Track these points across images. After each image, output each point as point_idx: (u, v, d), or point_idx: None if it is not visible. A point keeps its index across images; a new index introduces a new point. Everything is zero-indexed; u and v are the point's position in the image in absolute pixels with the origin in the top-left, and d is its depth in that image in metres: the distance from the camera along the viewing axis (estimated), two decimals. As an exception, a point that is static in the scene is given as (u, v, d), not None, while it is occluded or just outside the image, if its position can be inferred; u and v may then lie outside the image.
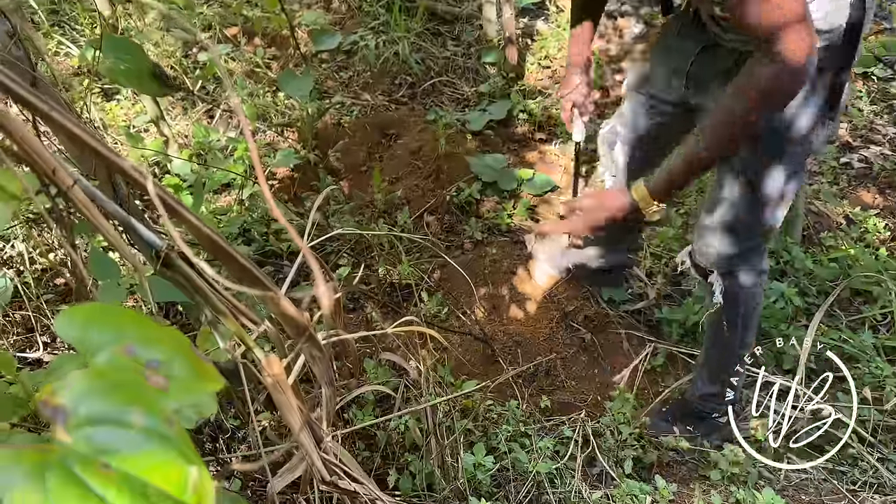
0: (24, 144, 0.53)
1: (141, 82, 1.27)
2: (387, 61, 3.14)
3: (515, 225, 2.43)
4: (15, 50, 1.22)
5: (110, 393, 0.42)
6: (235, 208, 2.24)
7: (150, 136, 2.53)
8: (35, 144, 0.54)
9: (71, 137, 0.52)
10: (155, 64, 1.33)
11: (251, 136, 0.46)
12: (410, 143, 2.75)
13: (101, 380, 0.43)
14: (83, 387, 0.42)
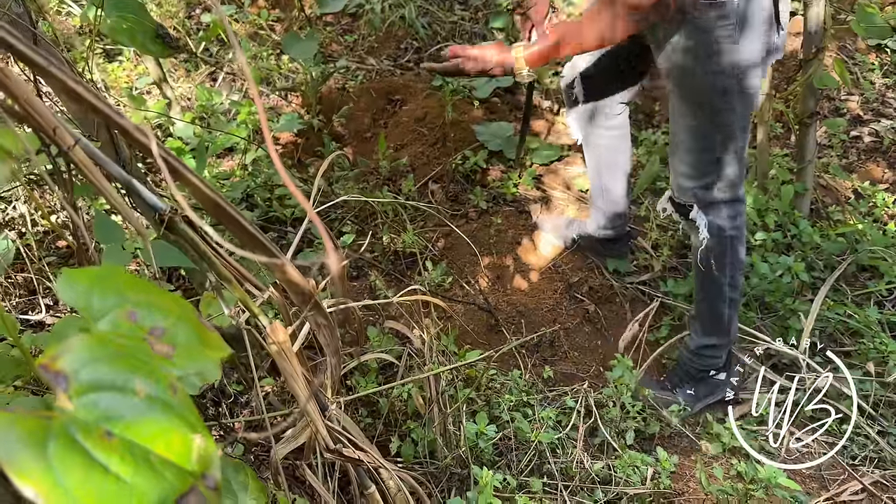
0: (25, 104, 0.51)
1: (144, 43, 1.25)
2: (392, 25, 3.09)
3: (521, 194, 2.41)
4: (16, 7, 1.19)
5: (113, 359, 0.41)
6: (238, 173, 2.22)
7: (152, 99, 2.49)
8: (36, 103, 0.52)
9: (72, 95, 0.50)
10: (158, 24, 1.30)
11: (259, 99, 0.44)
12: (416, 110, 2.71)
13: (103, 346, 0.42)
14: (85, 352, 0.41)
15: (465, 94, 2.79)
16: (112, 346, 0.43)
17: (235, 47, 0.51)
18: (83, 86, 0.50)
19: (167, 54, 1.34)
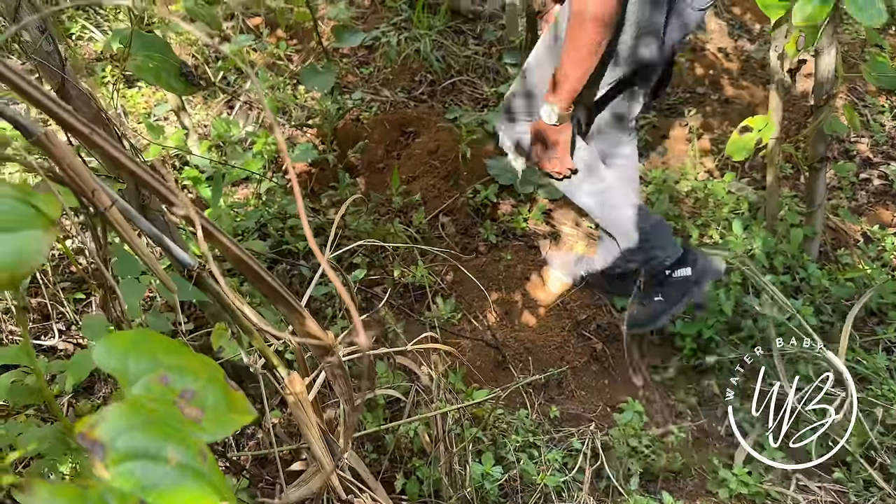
0: (67, 168, 0.53)
1: (168, 81, 1.28)
2: (408, 58, 3.13)
3: (531, 229, 2.43)
4: (46, 45, 1.22)
5: (147, 427, 0.43)
6: (252, 202, 2.24)
7: (169, 125, 2.53)
8: (78, 166, 0.54)
9: (115, 162, 0.52)
10: (182, 63, 1.33)
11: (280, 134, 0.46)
12: (428, 143, 2.74)
13: (137, 413, 0.43)
14: (121, 421, 0.42)
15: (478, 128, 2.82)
16: (145, 411, 0.44)
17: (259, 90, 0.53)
18: (125, 154, 0.52)
19: (190, 92, 1.37)
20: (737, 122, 3.05)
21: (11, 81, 0.49)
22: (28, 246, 0.45)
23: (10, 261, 0.44)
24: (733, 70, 3.32)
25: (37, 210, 0.47)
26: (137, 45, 1.29)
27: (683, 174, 2.68)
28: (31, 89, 0.50)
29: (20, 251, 0.45)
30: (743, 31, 3.61)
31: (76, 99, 1.30)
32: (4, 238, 0.45)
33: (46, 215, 0.48)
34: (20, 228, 0.46)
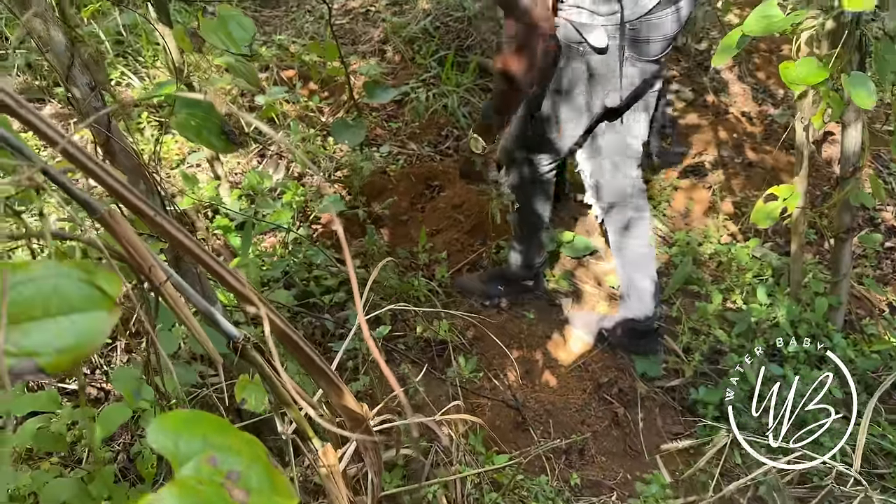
0: (127, 244, 0.55)
1: (210, 139, 1.32)
2: (435, 113, 3.20)
3: (553, 287, 2.43)
4: (94, 102, 1.27)
5: (198, 511, 0.44)
6: (279, 251, 2.27)
7: (202, 172, 2.59)
8: (137, 243, 0.56)
9: (174, 241, 0.54)
10: (224, 121, 1.37)
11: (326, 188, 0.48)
12: (453, 197, 2.78)
13: (190, 496, 0.44)
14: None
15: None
16: (196, 494, 0.45)
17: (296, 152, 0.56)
18: (187, 236, 0.54)
19: (230, 150, 1.41)
20: (760, 186, 3.08)
21: (83, 164, 0.51)
22: (92, 328, 0.47)
23: (74, 343, 0.46)
24: (756, 134, 3.35)
25: (100, 291, 0.49)
26: (181, 103, 1.34)
27: (706, 237, 2.68)
28: (101, 171, 0.52)
29: (83, 333, 0.47)
30: (767, 95, 3.65)
31: (119, 153, 1.34)
32: (70, 321, 0.47)
33: (110, 296, 0.49)
34: (85, 309, 0.48)
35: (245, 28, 1.21)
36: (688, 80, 3.64)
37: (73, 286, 0.48)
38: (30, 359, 0.45)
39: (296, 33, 3.51)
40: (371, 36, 3.62)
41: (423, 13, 3.59)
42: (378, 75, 3.00)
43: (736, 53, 1.78)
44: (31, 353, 0.45)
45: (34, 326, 0.47)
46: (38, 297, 0.47)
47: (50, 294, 0.48)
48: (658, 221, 2.76)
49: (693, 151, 3.18)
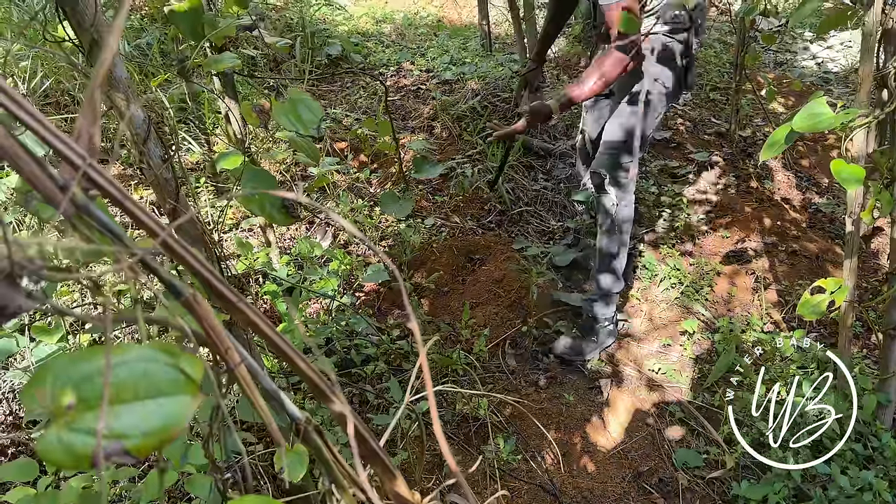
0: (208, 327, 0.58)
1: (271, 212, 1.38)
2: (479, 188, 3.27)
3: (593, 367, 2.41)
4: (165, 173, 1.35)
5: None
6: (323, 317, 2.31)
7: (254, 237, 2.67)
8: (217, 326, 0.59)
9: (255, 328, 0.57)
10: (284, 196, 1.44)
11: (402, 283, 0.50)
12: (494, 271, 2.81)
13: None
14: None
15: (544, 260, 2.88)
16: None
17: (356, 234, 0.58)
18: (285, 342, 0.57)
19: (290, 223, 1.47)
20: (804, 275, 3.04)
21: (178, 254, 0.55)
22: (177, 411, 0.50)
23: (160, 426, 0.49)
24: (801, 221, 3.33)
25: (185, 375, 0.52)
26: (246, 177, 1.41)
27: (749, 324, 2.65)
28: (192, 259, 0.56)
29: (169, 416, 0.49)
30: (811, 183, 3.64)
31: (185, 223, 1.41)
32: (157, 404, 0.50)
33: (193, 380, 0.52)
34: (171, 393, 0.51)
35: (313, 111, 1.27)
36: (732, 167, 3.66)
37: (160, 370, 0.52)
38: (118, 441, 0.48)
39: (349, 107, 3.66)
40: (421, 112, 3.74)
41: (472, 93, 3.71)
42: (426, 151, 3.09)
43: (783, 148, 1.80)
44: (121, 436, 0.48)
45: (124, 409, 0.50)
46: (129, 380, 0.50)
47: (140, 378, 0.51)
48: (700, 306, 2.73)
49: (736, 237, 3.17)
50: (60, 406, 0.47)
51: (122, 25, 0.50)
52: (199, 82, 3.14)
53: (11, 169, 0.43)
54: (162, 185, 1.36)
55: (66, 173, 0.51)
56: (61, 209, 0.50)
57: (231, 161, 1.74)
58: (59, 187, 0.51)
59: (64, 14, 1.20)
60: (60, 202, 0.51)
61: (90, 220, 0.54)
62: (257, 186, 1.39)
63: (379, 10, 5.11)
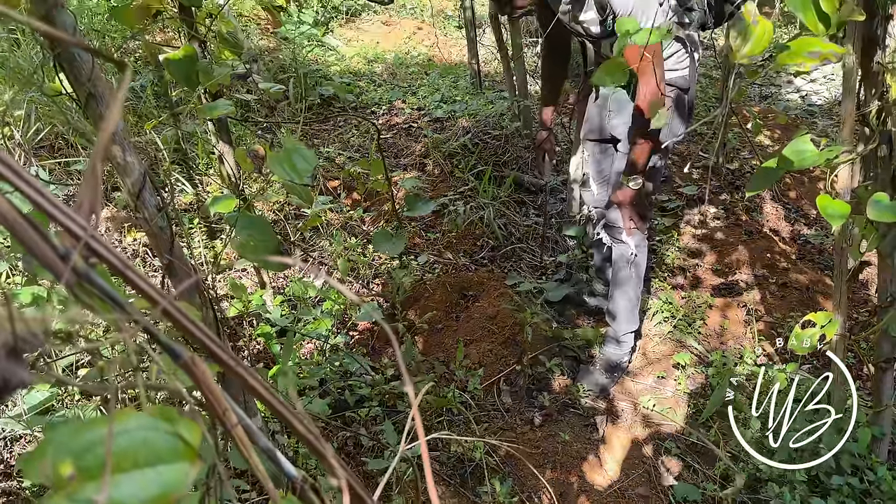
0: (208, 391, 0.59)
1: (266, 258, 1.39)
2: (472, 224, 3.29)
3: (588, 404, 2.41)
4: (160, 221, 1.36)
5: None
6: (317, 358, 2.31)
7: (247, 277, 2.68)
8: (215, 389, 0.60)
9: (253, 392, 0.58)
10: (279, 241, 1.45)
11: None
12: (487, 308, 2.81)
13: None
14: None
15: (536, 296, 2.90)
16: None
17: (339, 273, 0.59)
18: (290, 410, 0.58)
19: (283, 267, 1.48)
20: (795, 307, 3.06)
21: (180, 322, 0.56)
22: (176, 479, 0.50)
23: (159, 494, 0.49)
24: (790, 253, 3.36)
25: (183, 441, 0.53)
26: (242, 223, 1.42)
27: (742, 357, 2.66)
28: (195, 328, 0.57)
29: (168, 484, 0.50)
30: (799, 215, 3.69)
31: (179, 265, 1.41)
32: (156, 472, 0.50)
33: (192, 447, 0.53)
34: (170, 461, 0.51)
35: (308, 160, 1.29)
36: (720, 200, 3.71)
37: (160, 438, 0.52)
38: (119, 509, 0.49)
39: (342, 146, 3.70)
40: (413, 150, 3.79)
41: (463, 130, 3.76)
42: (418, 188, 3.12)
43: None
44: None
45: (125, 478, 0.50)
46: (129, 449, 0.51)
47: (140, 446, 0.51)
48: (693, 340, 2.75)
49: (727, 270, 3.20)
50: (61, 477, 0.48)
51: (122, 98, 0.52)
52: (192, 123, 3.17)
53: (13, 237, 0.44)
54: (157, 234, 1.37)
55: (68, 242, 0.52)
56: (63, 280, 0.51)
57: (225, 205, 1.76)
58: (61, 257, 0.52)
59: (61, 68, 1.22)
60: (62, 272, 0.52)
61: (91, 287, 0.55)
62: (252, 234, 1.40)
63: (370, 50, 5.19)
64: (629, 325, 2.54)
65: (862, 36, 1.78)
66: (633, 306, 2.51)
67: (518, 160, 3.72)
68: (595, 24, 2.12)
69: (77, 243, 0.53)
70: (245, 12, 4.64)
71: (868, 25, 1.77)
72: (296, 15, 4.92)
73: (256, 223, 1.44)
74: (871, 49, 1.83)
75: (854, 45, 1.78)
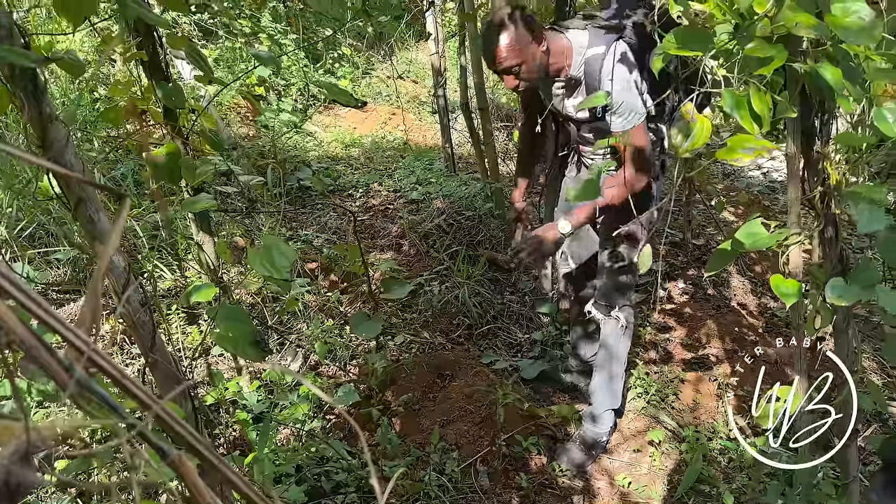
0: (193, 487, 0.64)
1: (244, 349, 1.44)
2: (447, 303, 3.36)
3: (567, 483, 2.43)
4: (143, 316, 1.41)
5: None
6: (293, 444, 2.31)
7: (224, 361, 2.70)
8: (201, 487, 0.65)
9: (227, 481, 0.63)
10: (257, 332, 1.50)
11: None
12: (464, 387, 2.85)
13: None
14: None
15: (512, 374, 2.94)
16: None
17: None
18: (250, 488, 0.63)
19: (262, 358, 1.52)
20: (765, 380, 3.13)
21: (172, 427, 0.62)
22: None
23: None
24: (758, 327, 3.46)
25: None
26: (221, 315, 1.47)
27: (715, 432, 2.70)
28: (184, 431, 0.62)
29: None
30: (765, 288, 3.81)
31: (161, 362, 1.45)
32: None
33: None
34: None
35: (286, 255, 1.36)
36: (688, 275, 3.83)
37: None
38: None
39: (320, 229, 3.79)
40: (389, 231, 3.89)
41: (438, 211, 3.88)
42: (396, 270, 3.20)
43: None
44: None
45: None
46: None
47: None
48: (666, 415, 2.79)
49: (698, 345, 3.28)
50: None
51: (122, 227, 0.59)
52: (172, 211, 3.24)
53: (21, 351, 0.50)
54: (138, 327, 1.42)
55: (71, 356, 0.59)
56: (68, 391, 0.57)
57: (205, 294, 1.81)
58: (65, 368, 0.58)
59: (53, 173, 1.29)
60: (66, 383, 0.58)
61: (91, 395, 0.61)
62: (231, 325, 1.45)
63: (348, 135, 5.37)
64: (607, 403, 2.58)
65: (801, 128, 1.93)
66: (612, 383, 2.56)
67: (491, 240, 3.83)
68: (584, 109, 2.24)
69: (79, 356, 0.60)
70: (225, 102, 4.80)
71: (806, 117, 1.91)
72: (275, 103, 5.10)
73: (235, 314, 1.50)
74: (811, 139, 1.97)
75: (794, 136, 1.92)
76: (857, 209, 1.60)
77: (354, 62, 6.64)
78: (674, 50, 1.32)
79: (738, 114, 1.38)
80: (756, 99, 1.35)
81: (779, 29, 1.26)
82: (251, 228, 3.51)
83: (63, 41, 4.09)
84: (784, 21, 1.23)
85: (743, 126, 1.38)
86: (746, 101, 1.40)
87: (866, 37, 1.22)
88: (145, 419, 0.60)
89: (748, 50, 1.28)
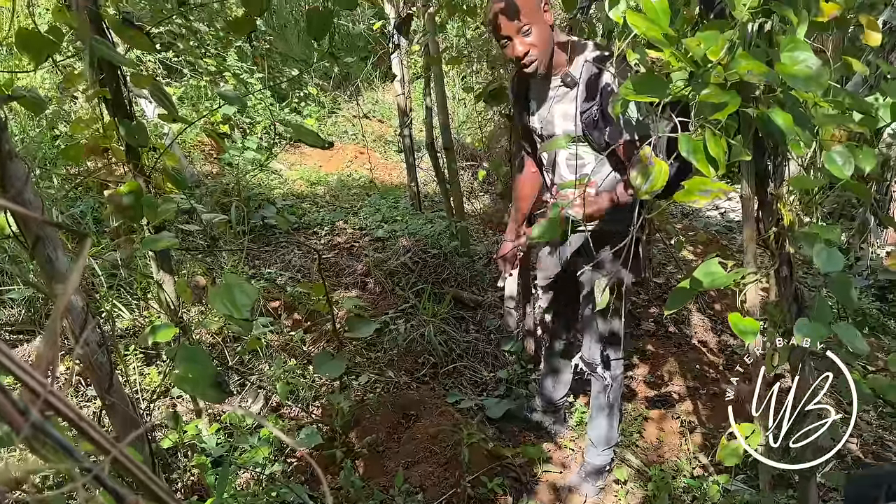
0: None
1: (204, 390, 1.41)
2: (413, 342, 3.34)
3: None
4: (100, 357, 1.38)
5: None
6: (253, 488, 2.26)
7: (183, 403, 2.63)
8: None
9: None
10: (217, 373, 1.47)
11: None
12: (429, 427, 2.82)
13: None
14: None
15: (477, 413, 2.92)
16: None
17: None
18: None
19: (222, 399, 1.49)
20: (727, 417, 3.17)
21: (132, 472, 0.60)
22: None
23: None
24: (718, 364, 3.51)
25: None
26: (181, 356, 1.44)
27: (679, 470, 2.72)
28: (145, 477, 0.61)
29: None
30: (725, 326, 3.88)
31: (118, 404, 1.42)
32: None
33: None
34: None
35: (248, 295, 1.35)
36: (648, 313, 3.88)
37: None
38: None
39: (284, 267, 3.75)
40: (355, 269, 3.87)
41: (403, 249, 3.89)
42: (359, 309, 3.18)
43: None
44: None
45: None
46: None
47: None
48: (631, 454, 2.80)
49: (660, 382, 3.31)
50: None
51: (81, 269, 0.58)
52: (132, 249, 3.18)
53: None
54: (95, 369, 1.38)
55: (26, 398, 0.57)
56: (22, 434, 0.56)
57: (164, 334, 1.78)
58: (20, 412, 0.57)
59: (10, 212, 1.27)
60: (21, 426, 0.56)
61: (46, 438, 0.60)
62: (191, 366, 1.42)
63: (313, 173, 5.37)
64: (605, 444, 2.66)
65: (755, 170, 1.99)
66: (610, 432, 2.64)
67: (457, 277, 3.84)
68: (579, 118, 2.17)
69: (35, 397, 0.58)
70: (189, 139, 4.77)
71: (760, 160, 1.98)
72: (240, 141, 5.09)
73: (195, 354, 1.47)
74: (765, 180, 2.04)
75: (749, 178, 1.98)
76: (815, 250, 1.65)
77: (321, 101, 6.68)
78: (631, 96, 1.36)
79: (695, 157, 1.43)
80: (712, 143, 1.40)
81: (732, 76, 1.31)
82: (213, 267, 3.47)
83: (24, 78, 4.04)
84: (737, 69, 1.29)
85: (699, 169, 1.42)
86: (702, 146, 1.45)
87: (814, 84, 1.28)
88: (101, 463, 0.58)
89: (703, 96, 1.33)
